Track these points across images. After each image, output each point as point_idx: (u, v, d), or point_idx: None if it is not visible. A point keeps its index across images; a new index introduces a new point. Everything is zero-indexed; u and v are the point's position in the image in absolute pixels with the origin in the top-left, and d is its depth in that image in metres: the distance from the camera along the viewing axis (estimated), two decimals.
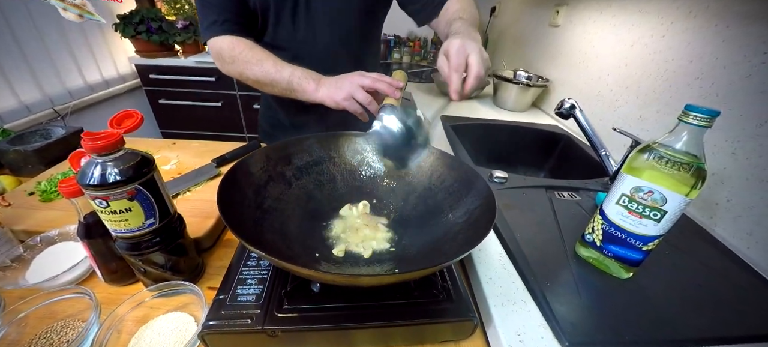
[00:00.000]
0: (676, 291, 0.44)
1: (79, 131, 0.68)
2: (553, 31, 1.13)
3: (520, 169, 1.01)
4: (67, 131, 0.66)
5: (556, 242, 0.51)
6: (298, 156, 0.46)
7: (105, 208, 0.32)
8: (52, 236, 0.45)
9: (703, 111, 0.34)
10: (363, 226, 0.44)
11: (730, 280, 0.47)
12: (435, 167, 0.47)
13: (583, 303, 0.40)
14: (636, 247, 0.41)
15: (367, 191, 0.49)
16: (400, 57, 1.87)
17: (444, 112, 0.98)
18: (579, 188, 0.66)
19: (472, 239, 0.32)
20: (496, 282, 0.42)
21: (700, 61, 0.63)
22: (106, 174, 0.31)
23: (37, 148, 0.60)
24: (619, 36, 0.83)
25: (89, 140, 0.30)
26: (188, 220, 0.43)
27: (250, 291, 0.35)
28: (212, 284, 0.44)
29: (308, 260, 0.36)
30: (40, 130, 0.68)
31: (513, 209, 0.57)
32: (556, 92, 1.09)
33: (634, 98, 0.77)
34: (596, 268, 0.46)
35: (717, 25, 0.60)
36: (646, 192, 0.38)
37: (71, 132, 0.67)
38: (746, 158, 0.54)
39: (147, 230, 0.35)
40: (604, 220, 0.43)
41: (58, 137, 0.65)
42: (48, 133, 0.67)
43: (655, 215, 0.38)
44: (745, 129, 0.54)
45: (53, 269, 0.40)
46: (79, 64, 1.29)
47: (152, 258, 0.37)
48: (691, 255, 0.50)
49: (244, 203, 0.37)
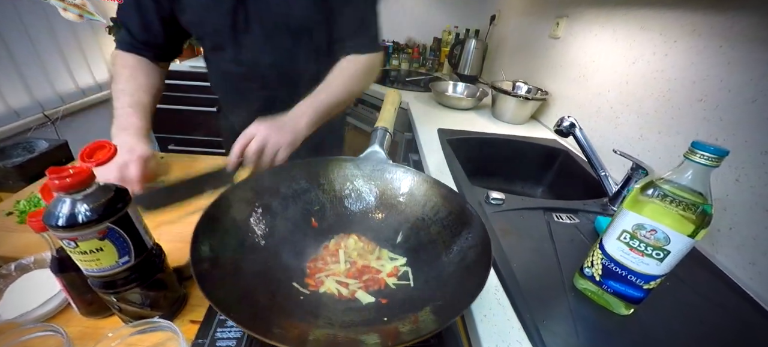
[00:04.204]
0: (678, 327, 0.42)
1: (64, 144, 0.66)
2: (553, 43, 1.11)
3: (518, 183, 0.99)
4: (50, 145, 0.64)
5: (553, 272, 0.49)
6: (285, 184, 0.44)
7: (74, 248, 0.30)
8: (28, 264, 0.43)
9: (711, 150, 0.33)
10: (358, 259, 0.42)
11: (732, 314, 0.46)
12: (429, 196, 0.45)
13: (581, 343, 0.39)
14: (637, 285, 0.39)
15: (356, 221, 0.47)
16: (399, 63, 1.85)
17: None
18: (578, 210, 0.65)
19: (466, 291, 0.30)
20: (491, 320, 0.41)
21: (703, 83, 0.61)
22: (75, 213, 0.29)
23: (18, 163, 0.58)
24: (620, 52, 0.81)
25: (56, 177, 0.28)
26: (169, 246, 0.41)
27: (231, 334, 0.33)
28: (195, 317, 0.41)
29: (290, 314, 0.34)
30: (23, 143, 0.65)
31: (510, 234, 0.55)
32: (555, 105, 1.08)
33: (635, 117, 0.76)
34: (595, 302, 0.44)
35: (721, 46, 0.58)
36: (648, 230, 0.37)
37: (55, 146, 0.65)
38: (750, 186, 0.52)
39: (121, 268, 0.33)
40: (604, 255, 0.41)
41: (42, 150, 0.62)
42: (31, 146, 0.65)
43: (658, 255, 0.37)
44: (750, 156, 0.53)
45: (27, 302, 0.38)
46: (70, 67, 1.26)
47: (128, 297, 0.35)
48: (693, 286, 0.49)
49: (224, 247, 0.35)
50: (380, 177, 0.49)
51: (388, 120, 0.54)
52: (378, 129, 0.52)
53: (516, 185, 0.99)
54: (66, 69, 1.25)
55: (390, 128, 0.54)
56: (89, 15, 0.52)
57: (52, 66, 1.20)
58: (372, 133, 0.53)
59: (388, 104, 0.58)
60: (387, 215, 0.47)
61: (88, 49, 1.34)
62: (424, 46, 1.92)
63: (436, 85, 1.33)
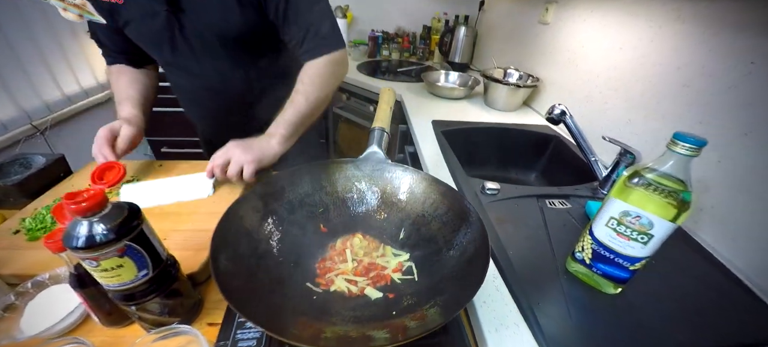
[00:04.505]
0: (662, 303, 0.46)
1: (61, 158, 0.66)
2: (542, 29, 1.12)
3: (512, 170, 1.02)
4: (48, 160, 0.64)
5: (547, 257, 0.52)
6: (291, 190, 0.46)
7: (95, 267, 0.31)
8: (44, 281, 0.44)
9: (690, 141, 0.35)
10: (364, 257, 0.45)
11: (713, 289, 0.49)
12: (428, 193, 0.47)
13: (573, 323, 0.42)
14: (624, 267, 0.42)
15: (360, 221, 0.49)
16: (389, 54, 1.84)
17: None
18: (569, 195, 0.68)
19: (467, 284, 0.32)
20: (490, 305, 0.44)
21: (687, 69, 0.63)
22: (94, 235, 0.30)
23: (18, 181, 0.58)
24: (608, 38, 0.83)
25: (72, 203, 0.29)
26: (181, 254, 0.42)
27: (250, 335, 0.35)
28: (212, 319, 0.44)
29: (304, 313, 0.36)
30: (19, 159, 0.65)
31: (506, 223, 0.58)
32: (546, 91, 1.10)
33: (623, 102, 0.78)
34: (585, 283, 0.47)
35: (704, 33, 0.60)
36: (633, 217, 0.39)
37: (53, 160, 0.64)
38: (731, 167, 0.56)
39: (141, 281, 0.35)
40: (593, 240, 0.44)
41: (40, 167, 0.62)
42: (27, 161, 0.65)
43: (643, 239, 0.39)
44: (730, 139, 0.56)
45: (48, 317, 0.39)
46: (54, 75, 1.23)
47: (147, 306, 0.37)
48: (676, 263, 0.52)
49: (239, 257, 0.37)
50: (380, 177, 0.50)
51: (385, 120, 0.56)
52: (375, 130, 0.54)
53: (510, 172, 1.02)
54: (51, 77, 1.22)
55: (387, 128, 0.55)
56: (89, 15, 0.52)
57: (36, 75, 1.17)
58: (369, 134, 0.54)
59: (383, 104, 0.60)
60: (389, 213, 0.49)
61: (72, 55, 1.30)
62: (414, 35, 1.91)
63: (427, 75, 1.33)
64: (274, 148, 0.59)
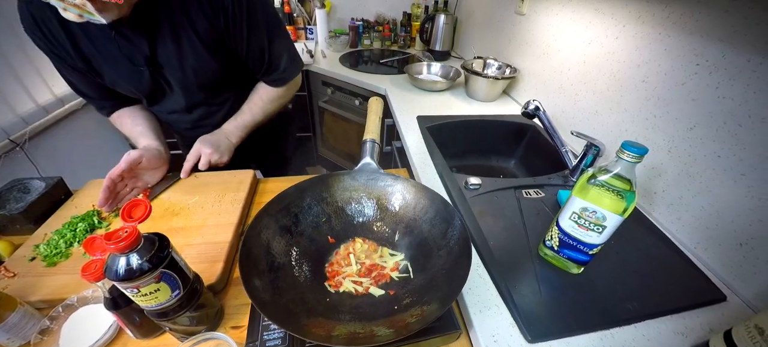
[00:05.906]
0: (617, 278, 0.54)
1: (59, 181, 0.68)
2: (519, 20, 1.16)
3: (493, 159, 1.09)
4: (47, 185, 0.65)
5: (522, 244, 0.60)
6: (295, 204, 0.51)
7: (136, 294, 0.36)
8: (73, 304, 0.48)
9: (634, 150, 0.42)
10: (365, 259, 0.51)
11: (661, 261, 0.59)
12: (417, 199, 0.53)
13: (543, 299, 0.50)
14: (584, 252, 0.50)
15: (359, 227, 0.55)
16: (371, 43, 1.83)
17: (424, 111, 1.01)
18: (543, 185, 0.75)
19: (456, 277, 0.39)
20: (474, 291, 0.51)
21: (646, 66, 0.70)
22: (132, 266, 0.34)
23: (22, 209, 0.60)
24: (578, 32, 0.89)
25: (112, 244, 0.33)
26: (198, 268, 0.47)
27: (275, 335, 0.41)
28: (234, 323, 0.49)
29: (318, 314, 0.42)
30: (16, 184, 0.66)
31: (486, 215, 0.65)
32: (524, 81, 1.16)
33: (591, 94, 0.85)
34: (554, 265, 0.56)
35: (660, 33, 0.67)
36: (591, 211, 0.47)
37: (52, 184, 0.66)
38: (678, 156, 0.64)
39: (174, 300, 0.39)
40: (559, 230, 0.52)
41: (41, 192, 0.64)
42: (25, 186, 0.66)
43: (598, 230, 0.47)
44: (679, 131, 0.64)
45: (84, 337, 0.44)
46: (25, 86, 1.18)
47: (178, 320, 0.42)
48: (631, 242, 0.61)
49: (261, 272, 0.42)
50: (374, 186, 0.56)
51: (375, 131, 0.60)
52: (367, 141, 0.58)
53: (492, 160, 1.10)
54: (22, 88, 1.18)
55: (377, 139, 0.60)
56: (89, 15, 0.52)
57: (7, 88, 1.12)
58: (362, 145, 0.59)
59: (372, 114, 0.64)
60: (384, 218, 0.55)
61: (40, 62, 1.24)
62: (395, 22, 1.90)
63: (410, 67, 1.36)
64: (232, 142, 0.78)
